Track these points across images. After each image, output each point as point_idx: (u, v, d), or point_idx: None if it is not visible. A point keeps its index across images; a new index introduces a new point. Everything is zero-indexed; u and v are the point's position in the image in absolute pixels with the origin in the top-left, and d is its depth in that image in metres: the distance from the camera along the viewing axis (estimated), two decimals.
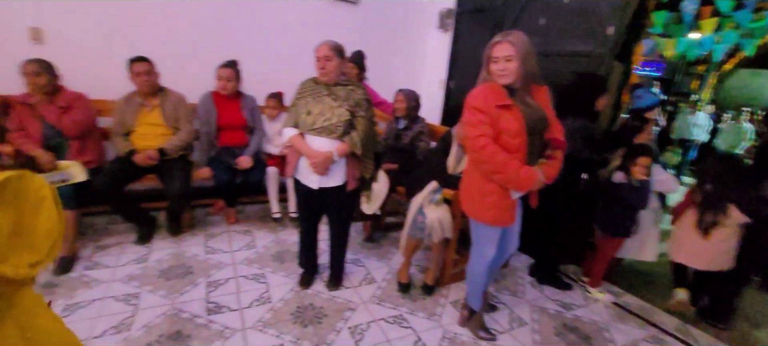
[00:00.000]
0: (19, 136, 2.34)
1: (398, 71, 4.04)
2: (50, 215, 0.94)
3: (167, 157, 2.62)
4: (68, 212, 2.34)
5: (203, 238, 2.81)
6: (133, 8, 2.86)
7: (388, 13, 3.84)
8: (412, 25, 4.01)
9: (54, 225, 0.94)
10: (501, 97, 1.66)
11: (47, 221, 0.92)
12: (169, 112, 2.67)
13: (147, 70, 2.54)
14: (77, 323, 1.86)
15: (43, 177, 1.75)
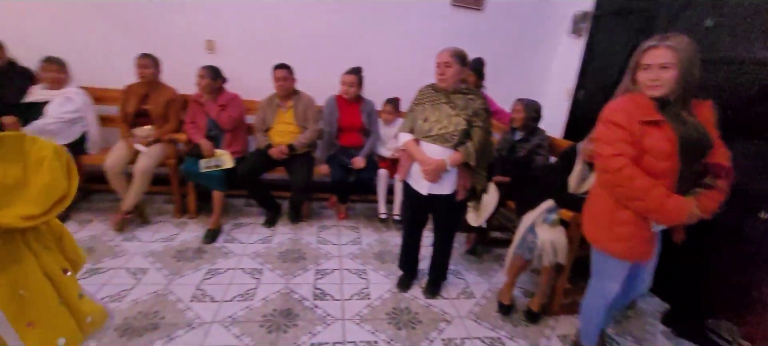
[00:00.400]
0: (191, 128, 2.91)
1: (519, 80, 3.81)
2: (52, 173, 1.03)
3: (295, 153, 2.95)
4: (217, 193, 2.83)
5: (316, 229, 3.07)
6: (279, 24, 3.31)
7: (515, 19, 3.66)
8: (539, 30, 3.74)
9: (55, 182, 1.03)
10: (648, 111, 1.41)
11: (47, 179, 1.01)
12: (300, 113, 3.01)
13: (285, 76, 2.91)
14: (215, 287, 2.22)
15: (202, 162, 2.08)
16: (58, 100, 2.69)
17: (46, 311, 1.05)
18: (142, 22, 3.13)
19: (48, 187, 1.01)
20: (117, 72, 3.00)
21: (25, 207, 0.96)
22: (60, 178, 1.04)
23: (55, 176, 1.02)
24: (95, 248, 2.50)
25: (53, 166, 1.02)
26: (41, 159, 1.02)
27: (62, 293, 1.09)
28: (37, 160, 1.01)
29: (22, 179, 0.98)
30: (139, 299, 2.05)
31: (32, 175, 1.00)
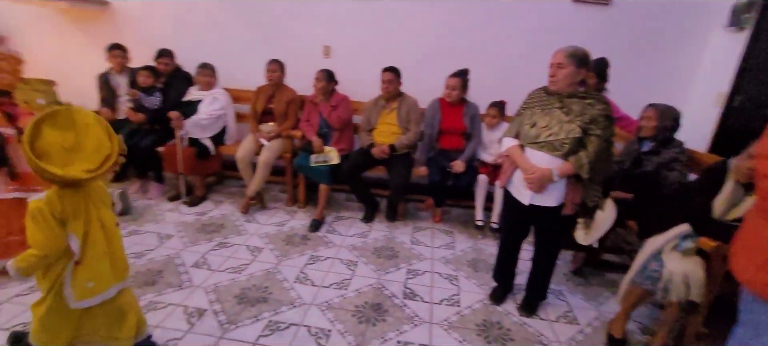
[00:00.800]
0: (306, 126, 3.21)
1: (654, 82, 3.30)
2: (98, 137, 1.30)
3: (395, 153, 3.03)
4: (323, 186, 3.07)
5: (411, 229, 3.11)
6: (389, 30, 3.44)
7: (652, 12, 3.17)
8: (684, 24, 3.18)
9: (101, 144, 1.30)
10: None
11: (95, 140, 1.29)
12: (403, 115, 3.08)
13: (390, 78, 3.02)
14: (315, 272, 2.41)
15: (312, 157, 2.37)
16: (208, 99, 3.22)
17: (93, 256, 1.35)
18: (273, 31, 3.57)
19: (97, 147, 1.29)
20: (251, 75, 3.47)
21: (84, 164, 1.26)
22: (104, 139, 1.32)
23: (100, 138, 1.30)
24: (225, 225, 2.93)
25: (97, 131, 1.30)
26: (87, 125, 1.29)
27: (111, 242, 1.41)
28: (84, 126, 1.28)
29: (76, 143, 1.27)
30: (253, 274, 2.34)
31: (83, 139, 1.28)
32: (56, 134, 1.24)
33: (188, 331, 1.84)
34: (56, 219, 1.26)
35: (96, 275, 1.37)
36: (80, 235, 1.32)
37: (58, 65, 3.97)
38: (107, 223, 1.40)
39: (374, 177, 3.31)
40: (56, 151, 1.23)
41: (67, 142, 1.25)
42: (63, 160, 1.23)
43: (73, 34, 3.88)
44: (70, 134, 1.26)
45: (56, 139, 1.24)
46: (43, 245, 1.25)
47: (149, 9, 3.68)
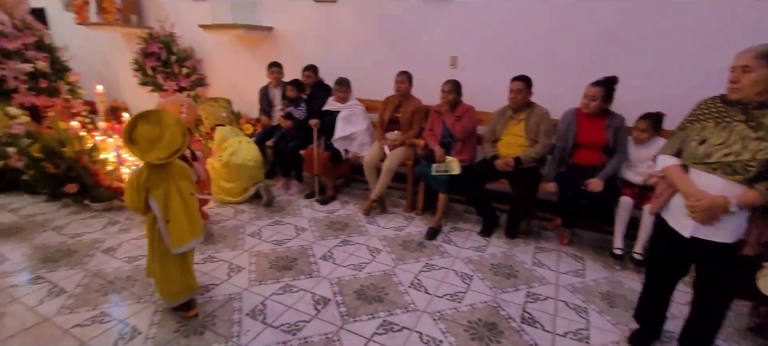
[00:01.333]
0: (429, 135, 3.27)
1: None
2: (174, 135, 1.72)
3: (521, 166, 2.86)
4: (442, 195, 3.08)
5: (533, 248, 2.88)
6: (520, 38, 3.27)
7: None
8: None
9: (175, 140, 1.72)
10: None
11: (170, 137, 1.71)
12: (532, 126, 2.89)
13: (519, 88, 2.86)
14: (429, 280, 2.43)
15: (434, 166, 2.51)
16: (345, 111, 3.54)
17: (177, 215, 1.82)
18: (403, 44, 3.76)
19: (170, 142, 1.72)
20: (381, 86, 3.71)
21: (159, 153, 1.70)
22: (178, 137, 1.74)
23: (174, 136, 1.73)
24: (349, 224, 3.18)
25: (174, 130, 1.73)
26: (168, 125, 1.73)
27: (187, 207, 1.86)
28: (167, 125, 1.73)
29: (158, 136, 1.71)
30: (372, 273, 2.48)
31: (163, 134, 1.71)
32: (146, 128, 1.70)
33: (314, 316, 2.05)
34: (141, 185, 1.76)
35: (178, 230, 1.82)
36: (160, 200, 1.78)
37: (233, 81, 4.90)
38: (184, 192, 1.85)
39: (496, 190, 3.17)
40: (143, 140, 1.69)
41: (153, 135, 1.70)
42: (145, 148, 1.69)
43: (245, 56, 4.74)
44: (156, 129, 1.71)
45: (145, 131, 1.70)
46: (127, 199, 1.83)
47: (301, 31, 4.26)
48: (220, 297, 2.17)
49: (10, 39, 3.91)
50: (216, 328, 1.93)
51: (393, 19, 3.74)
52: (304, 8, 4.14)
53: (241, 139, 3.55)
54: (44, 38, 4.25)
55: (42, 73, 4.10)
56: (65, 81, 4.35)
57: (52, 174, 3.31)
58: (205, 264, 2.49)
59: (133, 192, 1.78)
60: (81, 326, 1.90)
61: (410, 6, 3.63)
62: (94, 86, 4.10)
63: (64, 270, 2.38)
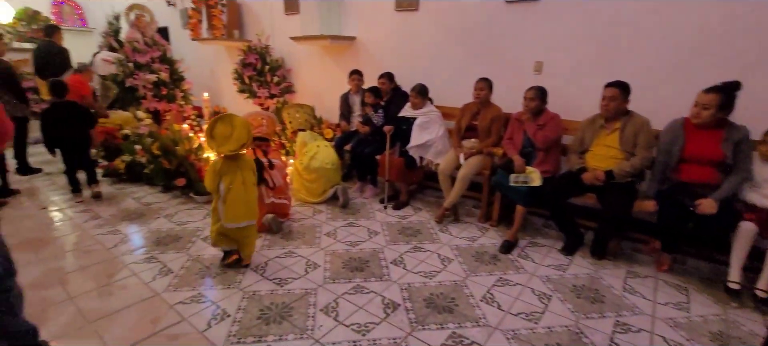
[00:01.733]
0: (508, 143, 3.14)
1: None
2: (241, 134, 2.28)
3: (613, 181, 2.60)
4: (520, 207, 2.93)
5: (624, 272, 2.58)
6: (614, 41, 2.99)
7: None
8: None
9: (241, 138, 2.28)
10: None
11: (239, 136, 2.27)
12: (628, 137, 2.61)
13: (614, 95, 2.61)
14: (503, 296, 2.31)
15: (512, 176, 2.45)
16: (421, 118, 3.54)
17: (232, 199, 2.35)
18: (484, 50, 3.67)
19: (238, 139, 2.28)
20: (458, 92, 3.66)
21: (230, 146, 2.27)
22: (244, 136, 2.30)
23: (241, 135, 2.29)
24: (421, 231, 3.18)
25: (241, 130, 2.29)
26: (237, 126, 2.29)
27: (247, 193, 2.40)
28: (236, 126, 2.29)
29: (229, 135, 2.27)
30: (442, 282, 2.44)
31: (233, 133, 2.27)
32: (222, 128, 2.28)
33: (384, 319, 2.08)
34: (216, 172, 2.35)
35: (234, 211, 2.35)
36: (226, 185, 2.34)
37: (317, 88, 5.22)
38: (247, 181, 2.40)
39: (581, 205, 2.92)
40: (219, 136, 2.27)
41: (226, 133, 2.28)
42: (220, 143, 2.27)
43: (329, 64, 5.02)
44: (228, 129, 2.28)
45: (221, 130, 2.27)
46: (206, 181, 2.43)
47: (382, 39, 4.39)
48: (297, 291, 2.31)
49: (142, 54, 4.63)
50: (293, 319, 2.06)
51: (475, 25, 3.67)
52: (386, 17, 4.26)
53: (319, 144, 3.76)
54: (167, 52, 4.96)
55: (163, 82, 4.78)
56: (180, 89, 5.03)
57: (167, 169, 3.84)
58: (285, 258, 2.68)
59: (211, 176, 2.37)
60: (182, 304, 2.17)
61: (494, 11, 3.53)
62: (201, 93, 4.68)
63: (172, 253, 2.73)
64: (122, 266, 2.55)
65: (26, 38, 6.61)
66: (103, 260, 2.62)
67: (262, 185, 2.95)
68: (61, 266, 2.56)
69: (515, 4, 3.41)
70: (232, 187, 2.33)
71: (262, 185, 2.97)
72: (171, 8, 6.66)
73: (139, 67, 4.62)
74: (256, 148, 3.05)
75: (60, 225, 3.20)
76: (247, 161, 2.44)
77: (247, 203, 2.40)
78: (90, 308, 2.12)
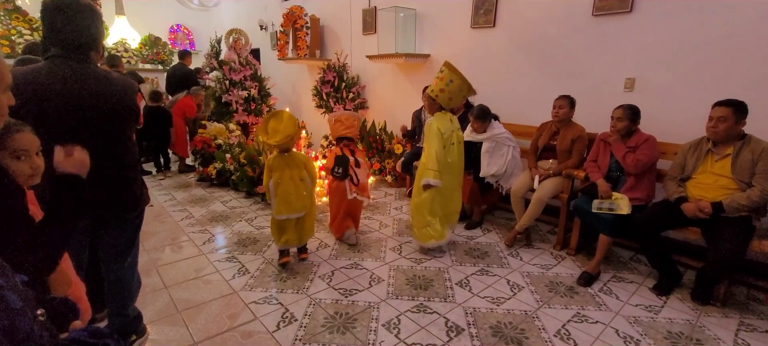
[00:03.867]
0: (592, 166, 2.88)
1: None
2: (288, 128, 2.56)
3: (722, 215, 2.24)
4: (604, 237, 2.65)
5: (736, 323, 2.19)
6: (724, 51, 2.61)
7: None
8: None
9: (288, 132, 2.55)
10: None
11: (286, 130, 2.55)
12: (744, 164, 2.25)
13: (724, 116, 2.26)
14: (581, 333, 2.10)
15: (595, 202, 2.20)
16: (487, 143, 3.29)
17: (285, 193, 2.59)
18: (566, 66, 3.45)
19: (284, 132, 2.54)
20: (535, 110, 3.47)
21: (277, 138, 2.53)
22: (291, 130, 2.56)
23: (288, 129, 2.56)
24: (489, 253, 3.03)
25: (289, 125, 2.57)
26: (284, 120, 2.59)
27: (296, 190, 2.61)
28: (285, 121, 2.58)
29: (278, 128, 2.56)
30: (511, 310, 2.29)
31: (282, 127, 2.56)
32: (274, 122, 2.59)
33: (446, 342, 2.01)
34: (269, 167, 2.61)
35: (283, 204, 2.59)
36: (276, 179, 2.58)
37: (389, 104, 5.33)
38: (294, 177, 2.61)
39: (681, 240, 2.56)
40: (271, 129, 2.57)
41: (278, 127, 2.57)
42: (270, 135, 2.55)
43: (402, 81, 5.10)
44: (278, 123, 2.58)
45: (273, 124, 2.58)
46: (265, 178, 2.65)
47: (457, 56, 4.35)
48: (361, 303, 2.34)
49: (236, 72, 5.16)
50: (355, 331, 2.08)
51: (557, 40, 3.47)
52: (461, 34, 4.23)
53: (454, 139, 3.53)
54: (257, 71, 5.46)
55: (253, 98, 5.27)
56: (267, 104, 5.49)
57: (250, 176, 4.18)
58: (351, 269, 2.74)
59: (266, 173, 2.65)
60: (256, 303, 2.32)
61: (579, 24, 3.31)
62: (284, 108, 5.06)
63: (250, 255, 2.95)
64: (208, 262, 2.82)
65: (148, 60, 7.76)
66: (193, 256, 2.92)
67: (347, 179, 3.07)
68: (160, 257, 2.91)
69: (603, 17, 3.16)
70: (281, 181, 2.57)
71: (347, 180, 3.07)
72: (263, 32, 7.37)
73: (233, 84, 5.15)
74: (343, 146, 3.15)
75: (162, 221, 3.64)
76: (296, 159, 2.66)
77: (297, 196, 2.60)
78: (179, 298, 2.36)
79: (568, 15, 3.37)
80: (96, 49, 1.52)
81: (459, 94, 2.81)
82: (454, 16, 4.26)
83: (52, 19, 1.40)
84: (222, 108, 5.28)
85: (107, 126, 1.50)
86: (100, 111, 1.47)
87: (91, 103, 1.45)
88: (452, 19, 4.30)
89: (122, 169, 1.59)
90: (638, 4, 2.97)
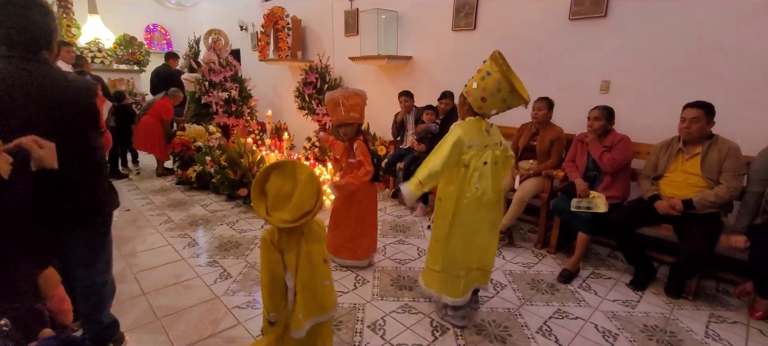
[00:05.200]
0: (570, 166, 2.96)
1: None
2: (305, 194, 1.37)
3: (692, 212, 2.34)
4: (583, 235, 2.73)
5: (706, 315, 2.29)
6: (696, 56, 2.73)
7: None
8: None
9: (305, 201, 1.37)
10: None
11: (302, 197, 1.36)
12: (712, 163, 2.35)
13: (696, 116, 2.37)
14: (561, 329, 2.15)
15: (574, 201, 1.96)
16: None
17: (304, 288, 1.45)
18: (545, 69, 3.53)
19: (300, 203, 1.38)
20: (517, 112, 3.53)
21: (285, 214, 1.37)
22: (309, 198, 1.40)
23: (305, 196, 1.39)
24: None
25: (307, 189, 1.39)
26: (302, 182, 1.39)
27: (314, 276, 1.47)
28: (300, 182, 1.39)
29: (289, 193, 1.38)
30: (494, 309, 2.33)
31: (295, 192, 1.38)
32: (278, 181, 1.40)
33: (432, 342, 2.02)
34: (275, 246, 1.43)
35: (311, 303, 1.48)
36: (293, 268, 1.43)
37: (372, 106, 5.33)
38: (314, 258, 1.46)
39: (654, 237, 2.66)
40: (273, 195, 1.39)
41: (283, 190, 1.39)
42: (273, 205, 1.39)
43: (384, 82, 5.12)
44: (287, 184, 1.39)
45: (277, 185, 1.39)
46: (264, 268, 1.45)
47: (438, 59, 4.41)
48: (346, 305, 2.33)
49: (216, 73, 5.07)
50: (341, 333, 2.07)
51: (535, 43, 3.56)
52: (443, 37, 4.28)
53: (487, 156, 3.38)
54: (238, 72, 5.37)
55: (233, 99, 5.18)
56: (248, 105, 5.41)
57: (232, 179, 4.11)
58: (335, 272, 2.72)
59: (268, 250, 1.43)
60: (239, 308, 2.28)
61: (556, 28, 3.40)
62: (265, 110, 5.00)
63: (232, 259, 2.90)
64: (188, 267, 2.75)
65: (123, 61, 7.53)
66: (173, 261, 2.85)
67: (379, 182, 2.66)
68: (138, 262, 2.82)
69: (579, 21, 3.26)
70: (298, 271, 1.45)
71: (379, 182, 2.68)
72: (243, 33, 7.26)
73: (213, 86, 5.06)
74: (361, 141, 2.63)
75: (139, 226, 3.53)
76: (315, 230, 1.52)
77: (314, 289, 1.49)
78: (159, 305, 2.30)
79: (545, 19, 3.46)
80: (48, 47, 1.41)
81: (497, 95, 1.90)
82: (436, 19, 4.31)
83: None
84: (202, 109, 5.17)
85: (64, 128, 1.38)
86: (54, 113, 1.36)
87: (43, 105, 1.33)
88: (434, 22, 4.34)
89: (86, 174, 1.50)
90: (612, 9, 3.08)
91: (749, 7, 2.50)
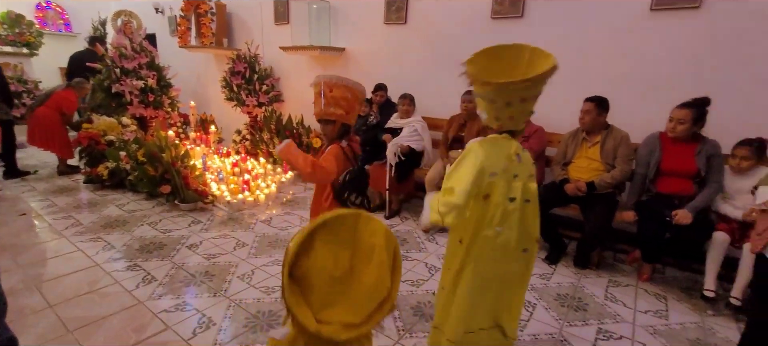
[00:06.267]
0: None
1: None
2: (379, 269, 0.81)
3: (594, 192, 2.68)
4: None
5: (606, 281, 2.65)
6: (594, 54, 3.11)
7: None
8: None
9: (380, 283, 0.80)
10: None
11: (374, 276, 0.79)
12: (609, 150, 2.71)
13: (589, 109, 2.71)
14: None
15: None
16: (408, 128, 3.61)
17: None
18: None
19: (373, 288, 0.82)
20: (447, 105, 3.73)
21: (347, 312, 0.79)
22: (385, 276, 0.84)
23: (381, 273, 0.83)
24: (408, 239, 3.20)
25: (381, 260, 0.83)
26: (372, 246, 0.84)
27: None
28: (368, 247, 0.84)
29: (349, 270, 0.82)
30: (429, 291, 2.46)
31: (360, 267, 0.83)
32: (330, 256, 0.80)
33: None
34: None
35: None
36: None
37: (306, 98, 5.23)
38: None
39: (565, 216, 3.00)
40: (323, 282, 0.80)
41: (340, 267, 0.81)
42: (324, 299, 0.80)
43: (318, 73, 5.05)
44: (345, 254, 0.82)
45: (328, 261, 0.80)
46: None
47: (372, 51, 4.46)
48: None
49: (129, 60, 4.59)
50: None
51: (460, 40, 3.76)
52: (375, 30, 4.34)
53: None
54: (155, 59, 4.92)
55: (150, 88, 4.74)
56: (168, 96, 4.98)
57: (152, 176, 3.78)
58: (272, 266, 2.66)
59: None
60: (167, 312, 2.13)
61: (480, 26, 3.63)
62: (188, 101, 4.65)
63: (156, 261, 2.69)
64: (104, 273, 2.50)
65: (8, 42, 6.47)
66: (85, 268, 2.56)
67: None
68: (41, 272, 2.49)
69: (500, 20, 3.52)
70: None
71: None
72: (159, 16, 6.64)
73: (125, 73, 4.58)
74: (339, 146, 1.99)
75: (39, 232, 3.11)
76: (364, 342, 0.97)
77: None
78: (70, 317, 2.06)
79: (469, 17, 3.67)
80: None
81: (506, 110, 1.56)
82: (368, 12, 4.35)
83: None
84: (112, 100, 4.65)
85: None
86: None
87: None
88: (366, 15, 4.38)
89: None
90: (528, 10, 3.37)
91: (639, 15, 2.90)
